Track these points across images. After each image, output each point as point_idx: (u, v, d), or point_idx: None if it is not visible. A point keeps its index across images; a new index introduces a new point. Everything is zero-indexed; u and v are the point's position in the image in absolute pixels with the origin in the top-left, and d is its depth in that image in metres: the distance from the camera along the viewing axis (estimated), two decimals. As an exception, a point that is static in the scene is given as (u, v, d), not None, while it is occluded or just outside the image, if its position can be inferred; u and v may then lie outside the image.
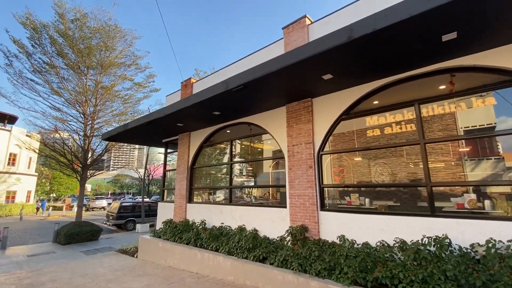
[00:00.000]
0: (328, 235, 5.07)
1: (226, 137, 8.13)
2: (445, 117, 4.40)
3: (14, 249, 10.80)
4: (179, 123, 7.97)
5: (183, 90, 9.84)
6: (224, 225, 6.99)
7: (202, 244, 6.50)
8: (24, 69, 12.31)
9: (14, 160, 27.17)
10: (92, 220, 19.89)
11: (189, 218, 8.28)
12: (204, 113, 6.90)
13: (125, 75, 14.48)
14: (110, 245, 11.02)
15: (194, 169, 8.94)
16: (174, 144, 10.63)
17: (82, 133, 13.03)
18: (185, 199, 8.61)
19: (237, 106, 6.49)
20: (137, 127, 8.19)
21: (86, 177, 13.01)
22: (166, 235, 7.69)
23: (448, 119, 4.39)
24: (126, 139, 10.36)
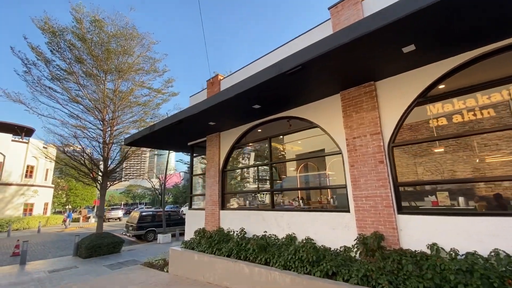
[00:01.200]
0: (411, 244, 4.14)
1: (262, 135, 7.32)
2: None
3: (34, 264, 10.18)
4: (211, 122, 7.23)
5: (209, 88, 9.15)
6: (268, 234, 6.12)
7: (246, 256, 5.64)
8: (43, 76, 11.94)
9: (32, 172, 27.14)
10: (109, 231, 19.33)
11: (223, 227, 7.45)
12: (243, 106, 6.13)
13: (143, 80, 14.00)
14: (133, 258, 10.27)
15: (225, 172, 8.15)
16: (200, 147, 9.91)
17: (101, 140, 12.49)
18: (217, 206, 7.80)
19: (281, 96, 5.69)
20: (165, 128, 7.52)
21: (106, 186, 12.41)
22: (201, 246, 6.87)
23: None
24: (149, 143, 9.71)
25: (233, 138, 7.92)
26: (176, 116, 6.92)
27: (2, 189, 23.75)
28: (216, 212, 7.78)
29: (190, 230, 8.75)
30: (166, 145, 10.27)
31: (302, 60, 4.11)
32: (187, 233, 8.86)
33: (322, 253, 4.60)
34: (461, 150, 4.26)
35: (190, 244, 7.33)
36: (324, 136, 5.77)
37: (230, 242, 6.15)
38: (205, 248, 6.59)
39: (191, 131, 8.51)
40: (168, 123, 7.21)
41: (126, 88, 13.24)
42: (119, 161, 12.83)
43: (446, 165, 4.38)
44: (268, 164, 6.82)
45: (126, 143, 9.46)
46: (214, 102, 5.77)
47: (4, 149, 24.36)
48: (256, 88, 4.99)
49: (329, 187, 6.47)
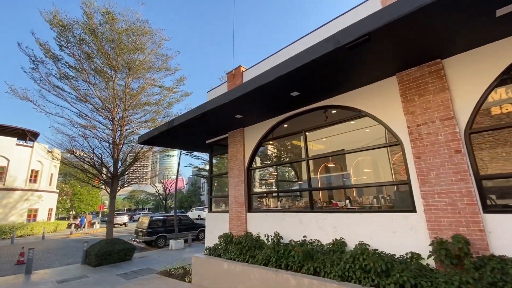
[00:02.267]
0: (505, 249, 3.38)
1: (293, 129, 6.60)
2: None
3: (41, 273, 9.44)
4: (238, 114, 6.54)
5: (230, 81, 8.49)
6: (308, 239, 5.38)
7: (288, 265, 4.89)
8: (51, 74, 11.35)
9: (36, 177, 26.53)
10: (117, 238, 18.58)
11: (251, 231, 6.71)
12: (279, 94, 5.44)
13: (154, 78, 13.40)
14: (147, 266, 9.50)
15: (250, 170, 7.43)
16: (219, 145, 9.22)
17: (111, 141, 11.83)
18: (244, 208, 7.07)
19: (326, 81, 5.00)
20: (184, 123, 6.85)
21: (116, 189, 11.71)
22: (229, 253, 6.11)
23: None
24: (165, 141, 9.01)
25: (259, 133, 7.23)
26: (201, 108, 6.23)
27: (6, 194, 23.12)
28: (243, 214, 7.04)
29: (212, 234, 8.01)
30: (182, 143, 9.58)
31: (369, 28, 3.42)
32: (208, 238, 8.11)
33: (389, 261, 3.84)
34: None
35: (216, 251, 6.57)
36: (352, 133, 5.08)
37: (266, 249, 5.39)
38: (235, 256, 5.83)
39: (212, 127, 7.82)
40: (189, 117, 6.53)
41: (137, 86, 12.63)
42: (129, 163, 12.15)
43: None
44: (304, 160, 6.09)
45: (141, 141, 8.78)
46: (248, 89, 5.08)
47: (8, 153, 23.81)
48: (301, 69, 4.31)
49: (386, 184, 5.67)
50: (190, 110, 6.71)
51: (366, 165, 8.07)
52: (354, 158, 7.66)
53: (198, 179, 56.70)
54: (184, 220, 16.15)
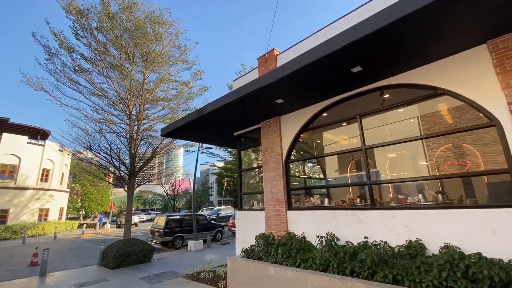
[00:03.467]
0: None
1: (344, 114, 5.81)
2: None
3: (56, 275, 8.82)
4: (280, 99, 5.80)
5: (262, 66, 7.75)
6: (371, 241, 4.59)
7: (353, 271, 4.11)
8: (66, 66, 10.79)
9: (47, 176, 26.20)
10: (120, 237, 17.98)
11: (293, 231, 5.95)
12: (338, 69, 4.68)
13: (170, 72, 12.75)
14: (170, 269, 8.80)
15: (289, 163, 6.66)
16: (248, 138, 8.50)
17: (128, 135, 11.20)
18: (283, 205, 6.30)
19: (397, 52, 4.22)
20: (218, 110, 6.14)
21: (134, 186, 11.06)
22: (273, 256, 5.35)
23: None
24: (190, 133, 8.32)
25: (299, 122, 6.46)
26: (239, 91, 5.51)
27: (18, 193, 22.79)
28: (282, 212, 6.27)
29: (244, 235, 7.27)
30: (208, 136, 8.87)
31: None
32: (240, 239, 7.37)
33: (504, 269, 3.02)
34: None
35: (254, 253, 5.82)
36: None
37: (323, 252, 4.61)
38: (283, 259, 5.07)
39: (244, 116, 7.10)
40: (225, 102, 5.82)
41: (155, 78, 12.01)
42: (147, 159, 11.50)
43: None
44: (360, 149, 5.30)
45: (164, 133, 8.11)
46: (304, 62, 4.32)
47: (19, 152, 23.51)
48: (377, 34, 3.54)
49: (473, 175, 4.86)
50: (224, 96, 6.00)
51: (406, 160, 7.29)
52: (390, 153, 6.91)
53: (208, 179, 56.18)
54: (201, 220, 15.46)
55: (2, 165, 22.50)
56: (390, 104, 5.11)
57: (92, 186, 33.56)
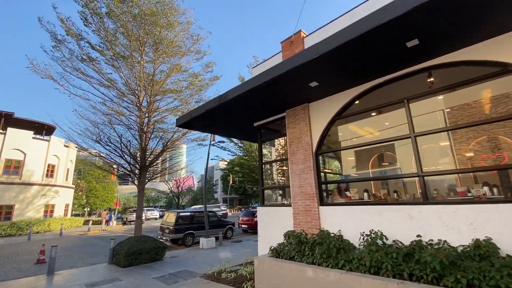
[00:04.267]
0: None
1: (387, 99, 5.20)
2: None
3: (64, 274, 8.35)
4: (315, 81, 5.21)
5: (286, 50, 7.17)
6: (426, 240, 4.01)
7: (412, 274, 3.55)
8: (73, 55, 10.27)
9: (53, 171, 25.84)
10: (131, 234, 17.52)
11: (327, 228, 5.38)
12: (391, 45, 4.09)
13: (179, 64, 12.18)
14: (185, 268, 8.28)
15: (319, 155, 6.09)
16: (268, 129, 7.93)
17: (138, 128, 10.69)
18: (314, 200, 5.74)
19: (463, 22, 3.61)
20: (242, 96, 5.59)
21: (145, 181, 10.56)
22: (308, 256, 4.80)
23: None
24: (206, 124, 7.76)
25: (332, 108, 5.88)
26: (271, 72, 4.93)
27: (24, 189, 22.44)
28: (314, 208, 5.71)
29: (267, 232, 6.73)
30: (225, 127, 8.29)
31: None
32: (263, 237, 6.82)
33: None
34: None
35: (285, 252, 5.26)
36: None
37: (372, 252, 4.04)
38: (322, 260, 4.51)
39: (268, 103, 6.54)
40: (252, 86, 5.26)
41: (166, 68, 11.47)
42: (158, 152, 10.99)
43: None
44: (408, 137, 4.71)
45: (179, 123, 7.58)
46: (352, 35, 3.74)
47: (24, 147, 23.13)
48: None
49: None
50: (251, 79, 5.43)
51: (434, 154, 6.69)
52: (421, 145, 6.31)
53: (212, 176, 55.75)
54: (211, 216, 14.95)
55: (7, 160, 22.15)
56: (443, 86, 4.51)
57: (97, 183, 33.24)
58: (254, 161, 16.48)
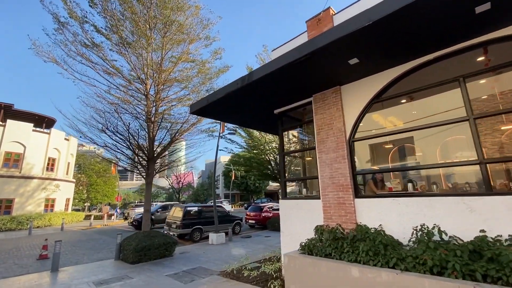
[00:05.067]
0: None
1: (437, 78, 4.62)
2: None
3: (69, 271, 7.83)
4: (356, 58, 4.63)
5: (312, 29, 6.56)
6: (492, 236, 3.48)
7: (486, 275, 3.02)
8: (76, 37, 9.63)
9: (53, 165, 25.25)
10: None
11: (364, 223, 4.85)
12: (456, 10, 3.51)
13: (189, 50, 11.54)
14: (199, 265, 7.76)
15: (354, 142, 5.53)
16: (289, 117, 7.37)
17: (145, 118, 10.11)
18: (349, 192, 5.19)
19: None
20: (268, 77, 5.03)
21: (153, 173, 10.01)
22: (348, 253, 4.27)
23: None
24: (222, 110, 7.17)
25: (370, 90, 5.31)
26: (307, 46, 4.35)
27: (24, 182, 21.86)
28: (348, 201, 5.16)
29: (292, 227, 6.19)
30: (242, 115, 7.70)
31: None
32: (287, 232, 6.29)
33: None
34: None
35: (319, 249, 4.73)
36: None
37: (430, 249, 3.51)
38: (368, 258, 3.97)
39: (294, 87, 5.97)
40: (284, 63, 4.68)
41: (175, 55, 10.84)
42: (166, 143, 10.42)
43: None
44: (466, 120, 4.15)
45: (194, 110, 7.00)
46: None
47: (24, 140, 22.50)
48: None
49: None
50: (284, 54, 4.84)
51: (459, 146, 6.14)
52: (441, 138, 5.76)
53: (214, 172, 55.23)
54: (219, 211, 14.43)
55: (6, 153, 21.54)
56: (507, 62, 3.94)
57: (98, 177, 32.66)
58: (263, 154, 15.89)
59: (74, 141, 29.17)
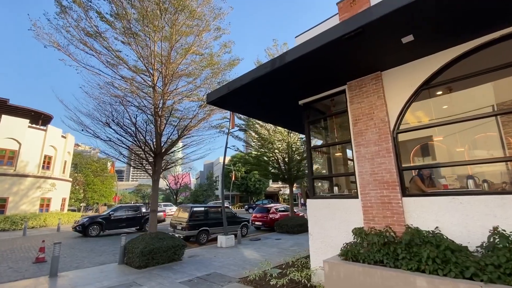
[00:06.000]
0: None
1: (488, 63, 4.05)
2: None
3: (69, 276, 7.10)
4: (411, 34, 4.02)
5: (345, 11, 5.97)
6: None
7: None
8: (81, 21, 8.92)
9: (49, 163, 24.31)
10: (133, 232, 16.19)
11: (416, 224, 4.24)
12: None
13: (201, 38, 10.86)
14: (213, 270, 7.07)
15: (399, 134, 4.91)
16: (314, 109, 6.75)
17: (153, 111, 9.42)
18: (396, 190, 4.58)
19: None
20: (306, 56, 4.42)
21: (160, 170, 9.31)
22: (407, 261, 3.65)
23: None
24: (242, 100, 6.52)
25: (419, 75, 4.72)
26: (365, 15, 3.74)
27: (18, 180, 20.92)
28: (395, 200, 4.55)
29: (322, 229, 5.56)
30: (262, 107, 7.06)
31: None
32: (316, 236, 5.64)
33: None
34: None
35: (367, 255, 4.09)
36: None
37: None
38: (434, 266, 3.34)
39: (326, 73, 5.36)
40: (332, 38, 4.06)
41: (184, 44, 10.17)
42: (175, 139, 9.72)
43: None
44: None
45: (211, 99, 6.36)
46: None
47: (20, 136, 21.57)
48: None
49: None
50: (328, 29, 4.22)
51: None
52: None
53: (213, 172, 54.44)
54: (226, 212, 13.73)
55: (0, 149, 20.59)
56: None
57: (95, 177, 31.71)
58: (271, 153, 15.27)
59: (71, 138, 28.27)
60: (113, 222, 15.80)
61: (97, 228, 15.04)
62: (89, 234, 14.58)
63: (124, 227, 16.35)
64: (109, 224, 15.58)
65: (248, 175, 43.02)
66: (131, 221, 16.61)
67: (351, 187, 6.68)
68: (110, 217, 15.81)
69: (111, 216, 15.87)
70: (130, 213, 16.82)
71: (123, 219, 16.27)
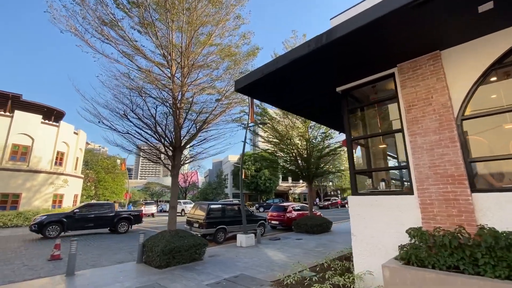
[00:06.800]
0: None
1: None
2: None
3: (87, 275, 6.70)
4: (491, 1, 3.40)
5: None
6: None
7: None
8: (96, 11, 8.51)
9: (62, 159, 24.26)
10: (149, 229, 15.91)
11: (491, 224, 3.61)
12: None
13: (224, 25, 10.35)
14: (239, 272, 6.56)
15: (464, 121, 4.29)
16: (352, 97, 6.15)
17: (171, 102, 8.96)
18: (464, 185, 3.96)
19: None
20: (361, 30, 3.85)
21: (180, 164, 8.85)
22: (493, 267, 3.05)
23: None
24: (275, 86, 5.97)
25: (489, 53, 4.08)
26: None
27: (31, 176, 20.87)
28: (463, 196, 3.93)
29: (367, 229, 4.98)
30: (296, 96, 6.49)
31: None
32: (360, 237, 5.05)
33: None
34: None
35: (435, 260, 3.50)
36: None
37: None
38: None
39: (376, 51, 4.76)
40: (396, 6, 3.47)
41: (203, 37, 9.69)
42: (195, 131, 9.24)
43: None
44: None
45: (240, 86, 5.85)
46: None
47: (32, 132, 21.54)
48: None
49: None
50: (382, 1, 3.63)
51: None
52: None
53: (222, 171, 54.15)
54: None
55: (14, 145, 20.57)
56: None
57: (106, 173, 31.68)
58: (289, 150, 14.71)
59: (83, 135, 28.24)
60: (78, 221, 13.66)
61: (57, 228, 12.92)
62: (46, 234, 12.54)
63: (92, 227, 14.29)
64: (72, 224, 13.42)
65: (258, 173, 42.49)
66: (101, 221, 14.44)
67: (390, 183, 6.10)
68: (75, 215, 13.68)
69: (75, 214, 13.75)
70: (100, 211, 14.65)
71: (90, 219, 14.13)
